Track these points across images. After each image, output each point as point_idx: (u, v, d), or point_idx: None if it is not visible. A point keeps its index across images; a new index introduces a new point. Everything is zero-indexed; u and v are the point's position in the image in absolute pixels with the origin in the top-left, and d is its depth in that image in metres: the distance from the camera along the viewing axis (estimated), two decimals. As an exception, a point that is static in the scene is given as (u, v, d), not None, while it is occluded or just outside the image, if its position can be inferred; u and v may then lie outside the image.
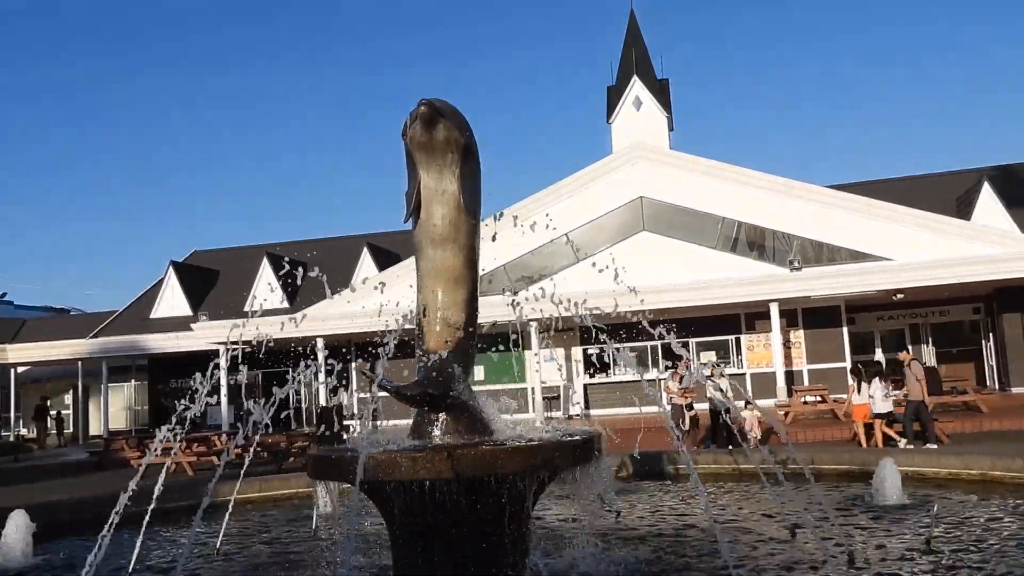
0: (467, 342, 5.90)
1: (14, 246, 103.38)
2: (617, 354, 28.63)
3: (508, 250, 27.01)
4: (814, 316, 28.44)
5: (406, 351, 5.92)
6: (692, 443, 17.12)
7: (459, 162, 5.76)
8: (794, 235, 28.00)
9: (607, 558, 6.38)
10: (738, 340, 29.27)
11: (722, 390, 16.66)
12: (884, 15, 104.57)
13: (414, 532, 5.37)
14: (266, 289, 36.63)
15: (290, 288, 36.27)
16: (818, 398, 23.58)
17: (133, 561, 7.05)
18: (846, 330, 28.48)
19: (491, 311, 7.65)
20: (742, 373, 28.14)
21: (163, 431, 6.73)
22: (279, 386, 6.09)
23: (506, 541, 5.39)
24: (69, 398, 40.58)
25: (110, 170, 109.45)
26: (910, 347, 30.70)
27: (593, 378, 29.55)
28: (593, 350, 29.37)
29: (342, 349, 29.93)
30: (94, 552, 6.14)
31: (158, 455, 8.06)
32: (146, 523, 6.91)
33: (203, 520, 7.00)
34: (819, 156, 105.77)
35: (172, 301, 38.08)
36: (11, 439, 34.08)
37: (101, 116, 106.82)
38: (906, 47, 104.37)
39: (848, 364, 25.09)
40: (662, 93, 32.23)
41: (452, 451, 5.09)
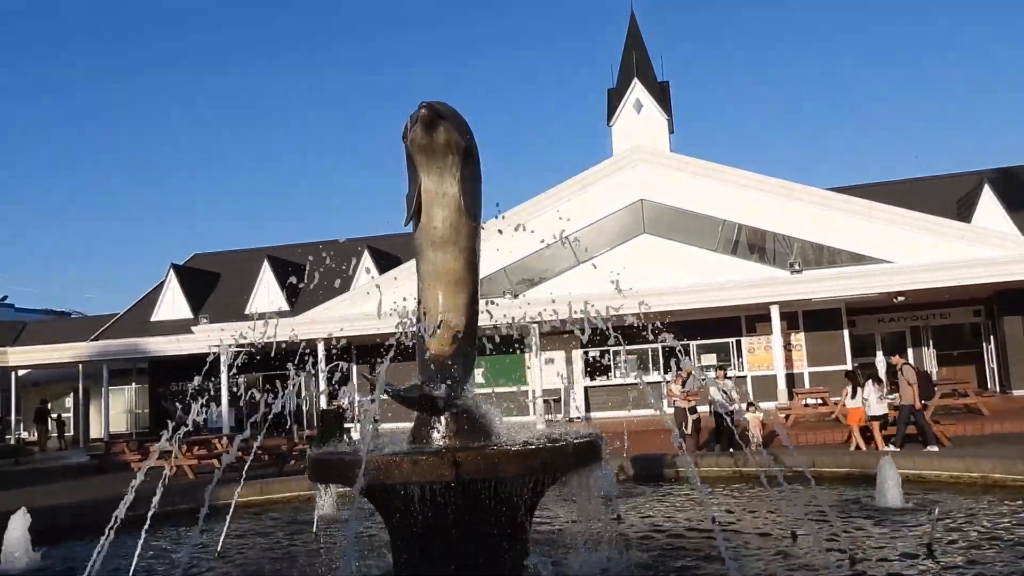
0: (467, 345, 5.90)
1: (15, 249, 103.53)
2: (618, 357, 28.70)
3: (509, 253, 27.01)
4: (815, 318, 28.44)
5: (407, 354, 5.92)
6: (695, 446, 17.08)
7: (460, 165, 5.76)
8: (795, 237, 28.02)
9: (608, 560, 6.37)
10: (739, 343, 29.26)
11: (725, 392, 16.65)
12: (884, 16, 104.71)
13: (414, 534, 5.37)
14: (266, 292, 36.66)
15: (291, 291, 36.28)
16: (819, 401, 23.57)
17: (134, 564, 7.05)
18: (847, 332, 28.48)
19: (495, 312, 7.65)
20: (743, 376, 28.13)
21: (165, 438, 6.71)
22: (280, 388, 6.09)
23: (506, 543, 5.39)
24: (70, 401, 40.57)
25: (110, 171, 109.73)
26: (911, 350, 30.75)
27: (593, 381, 29.55)
28: (594, 353, 29.39)
29: (343, 352, 29.92)
30: (95, 555, 6.13)
31: (158, 460, 8.05)
32: (147, 526, 6.90)
33: (204, 523, 6.99)
34: (819, 158, 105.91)
35: (173, 304, 38.09)
36: (12, 442, 34.06)
37: (101, 116, 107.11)
38: (906, 48, 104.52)
39: (849, 367, 25.08)
40: (662, 96, 32.26)
41: (453, 454, 5.09)
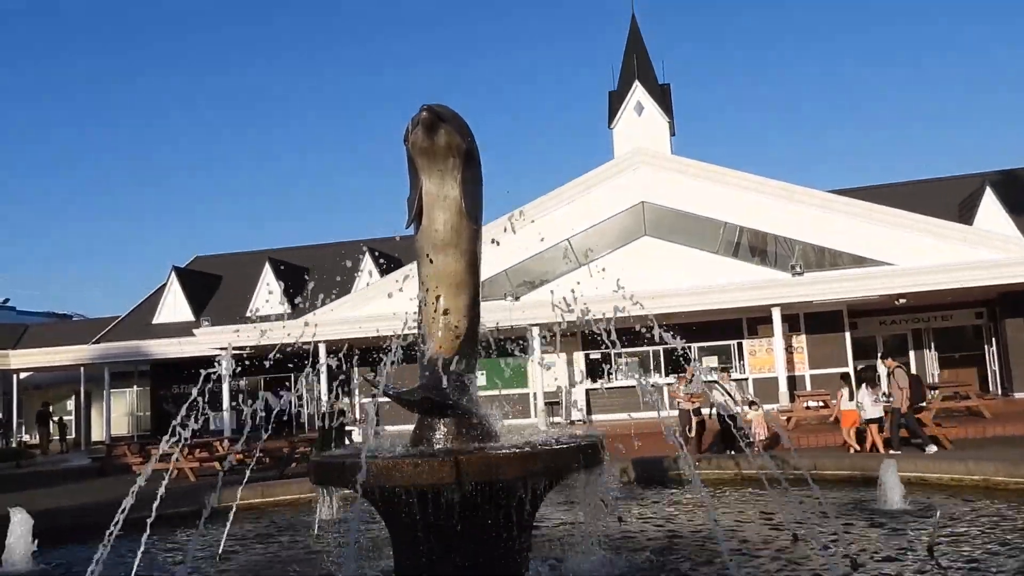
0: (469, 347, 5.90)
1: (16, 251, 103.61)
2: (619, 360, 28.69)
3: (509, 255, 27.03)
4: (816, 321, 28.43)
5: (409, 356, 5.93)
6: (699, 448, 17.04)
7: (461, 167, 5.76)
8: (796, 240, 28.01)
9: (609, 563, 6.37)
10: (740, 345, 29.27)
11: (729, 394, 16.63)
12: (884, 16, 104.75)
13: (416, 537, 5.37)
14: (268, 295, 36.67)
15: (292, 294, 36.29)
16: (820, 403, 23.55)
17: (135, 567, 7.04)
18: (848, 335, 28.47)
19: (493, 315, 7.65)
20: (744, 378, 28.13)
21: (166, 441, 6.71)
22: (280, 391, 6.09)
23: (507, 545, 5.39)
24: (71, 404, 40.62)
25: (111, 173, 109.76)
26: (912, 352, 30.74)
27: (595, 383, 29.54)
28: (595, 355, 29.40)
29: (344, 354, 29.89)
30: (96, 558, 6.13)
31: (160, 462, 8.05)
32: (148, 529, 6.90)
33: (205, 526, 7.00)
34: (820, 159, 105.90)
35: (174, 307, 38.13)
36: (13, 445, 34.09)
37: (101, 117, 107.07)
38: (906, 49, 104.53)
39: (851, 369, 25.06)
40: (663, 98, 32.29)
41: (454, 457, 5.09)
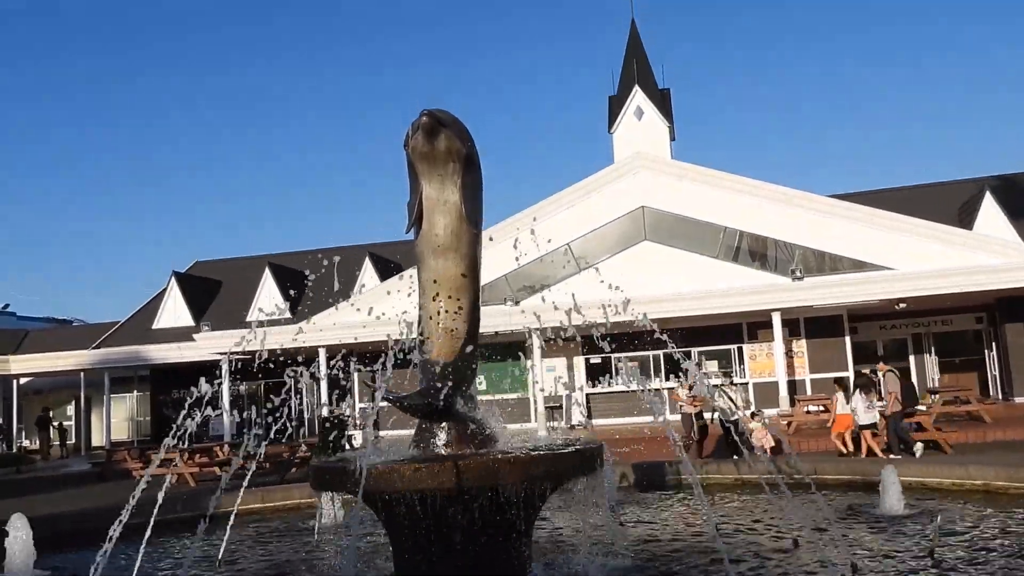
0: (469, 352, 5.90)
1: (16, 257, 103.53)
2: (620, 364, 28.66)
3: (509, 259, 27.01)
4: (816, 325, 28.41)
5: (409, 361, 5.92)
6: (700, 453, 17.00)
7: (461, 172, 5.77)
8: (796, 244, 28.00)
9: (609, 567, 6.37)
10: (740, 349, 29.24)
11: (731, 399, 16.63)
12: (883, 19, 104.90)
13: (416, 541, 5.36)
14: (268, 299, 36.65)
15: (292, 298, 36.26)
16: (821, 408, 23.53)
17: (135, 572, 7.04)
18: (848, 339, 28.45)
19: (493, 320, 7.65)
20: (744, 382, 28.11)
21: (165, 446, 6.71)
22: (280, 395, 6.09)
23: (508, 549, 5.38)
24: (71, 409, 40.57)
25: (111, 178, 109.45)
26: (913, 357, 30.72)
27: (595, 387, 29.52)
28: (595, 359, 29.38)
29: (344, 359, 29.89)
30: (96, 564, 6.13)
31: (160, 467, 8.04)
32: (148, 534, 6.90)
33: (205, 531, 6.99)
34: (820, 162, 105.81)
35: (174, 312, 38.10)
36: (13, 451, 34.05)
37: (100, 120, 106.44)
38: (906, 51, 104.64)
39: (851, 374, 25.06)
40: (663, 103, 32.30)
41: (454, 462, 5.09)
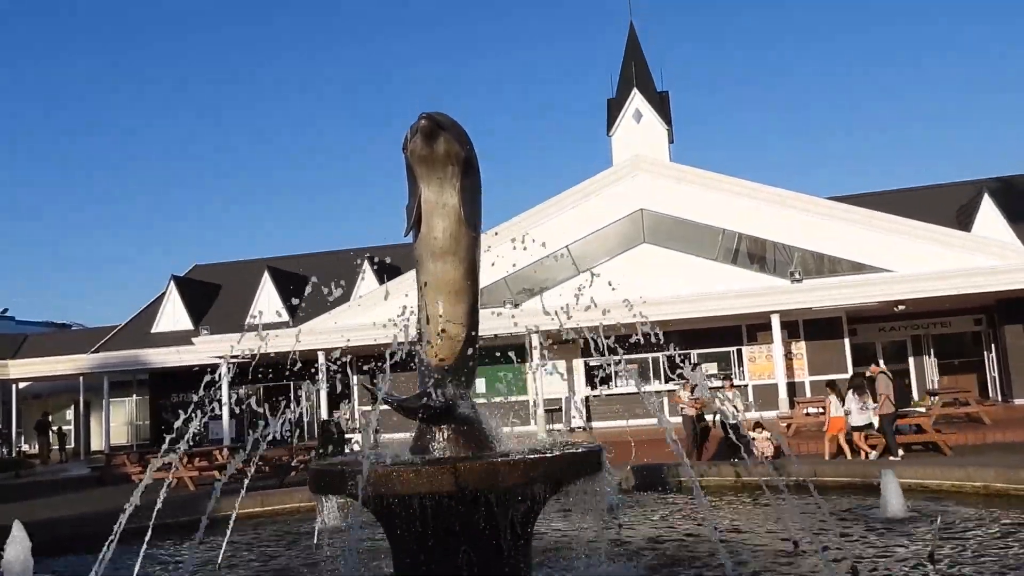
0: (468, 354, 5.90)
1: (15, 261, 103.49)
2: (620, 367, 28.65)
3: (509, 263, 27.00)
4: (815, 327, 28.43)
5: (408, 364, 5.92)
6: (699, 456, 16.98)
7: (460, 175, 5.78)
8: (795, 247, 28.03)
9: (609, 569, 6.36)
10: (739, 352, 29.26)
11: (731, 402, 16.63)
12: (882, 26, 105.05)
13: (416, 544, 5.36)
14: (267, 303, 36.66)
15: (291, 302, 36.27)
16: (820, 410, 23.51)
17: (134, 576, 7.04)
18: (848, 341, 28.48)
19: (492, 323, 7.65)
20: (744, 385, 28.12)
21: (165, 449, 6.70)
22: (280, 399, 6.09)
23: (508, 552, 5.38)
24: (70, 413, 40.55)
25: (109, 181, 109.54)
26: (912, 358, 30.75)
27: (595, 390, 29.51)
28: (594, 362, 29.34)
29: (343, 362, 29.87)
30: (95, 568, 6.12)
31: (159, 471, 8.02)
32: (147, 539, 6.89)
33: (205, 535, 6.98)
34: (819, 164, 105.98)
35: (173, 315, 38.10)
36: (12, 455, 34.03)
37: (99, 122, 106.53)
38: (904, 56, 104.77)
39: (850, 376, 25.06)
40: (662, 105, 32.33)
41: (454, 464, 5.08)
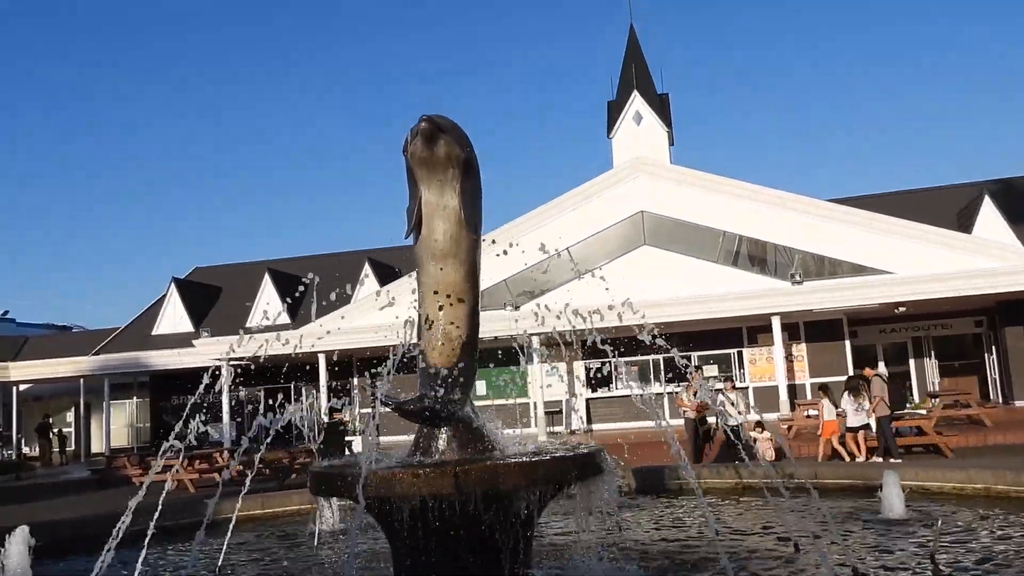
0: (468, 357, 5.90)
1: (16, 263, 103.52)
2: (621, 370, 28.65)
3: (509, 265, 27.03)
4: (816, 329, 28.43)
5: (408, 367, 5.92)
6: (700, 458, 16.94)
7: (460, 177, 5.78)
8: (795, 249, 28.03)
9: (610, 571, 6.35)
10: (740, 354, 29.25)
11: (733, 404, 16.63)
12: (882, 27, 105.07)
13: (416, 547, 5.36)
14: (268, 305, 36.66)
15: (292, 304, 36.28)
16: (817, 412, 23.49)
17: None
18: (848, 343, 28.48)
19: (492, 326, 7.65)
20: (744, 387, 28.11)
21: (164, 451, 6.70)
22: (279, 401, 6.08)
23: (508, 554, 5.38)
24: (71, 415, 40.55)
25: (110, 183, 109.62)
26: (912, 360, 30.74)
27: (595, 392, 29.51)
28: (595, 364, 29.35)
29: (344, 365, 29.90)
30: (96, 570, 6.12)
31: (160, 474, 8.02)
32: (147, 541, 6.88)
33: (205, 537, 6.98)
34: (819, 166, 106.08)
35: (174, 318, 38.10)
36: (13, 457, 34.02)
37: (100, 124, 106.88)
38: (904, 58, 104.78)
39: (846, 378, 25.05)
40: (662, 108, 32.35)
41: (454, 467, 5.08)
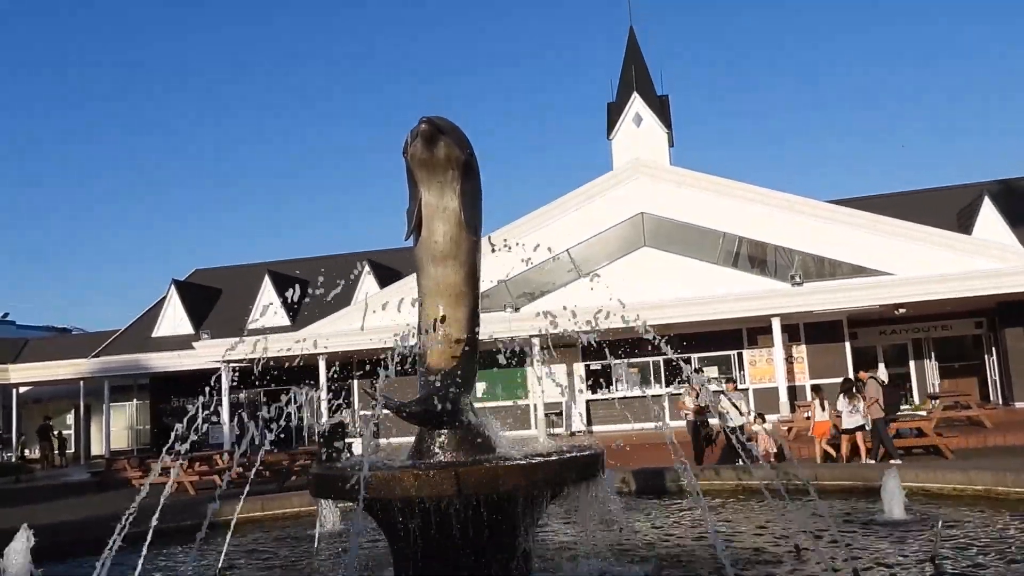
0: (468, 359, 5.90)
1: (16, 265, 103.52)
2: (621, 371, 28.66)
3: (509, 266, 27.03)
4: (816, 331, 28.42)
5: (408, 368, 5.92)
6: (700, 460, 16.93)
7: (460, 179, 5.78)
8: (795, 250, 28.03)
9: (610, 573, 6.35)
10: (740, 355, 29.24)
11: (735, 405, 16.62)
12: (882, 28, 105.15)
13: (416, 548, 5.35)
14: (268, 307, 36.65)
15: (292, 306, 36.27)
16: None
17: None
18: (848, 345, 28.46)
19: (493, 327, 7.64)
20: (745, 388, 28.10)
21: (165, 451, 6.70)
22: (275, 404, 6.08)
23: (508, 556, 5.37)
24: (71, 418, 40.55)
25: (110, 185, 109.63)
26: (913, 362, 30.74)
27: (595, 394, 29.50)
28: (595, 366, 29.37)
29: (344, 367, 29.88)
30: (96, 572, 6.12)
31: (160, 476, 8.02)
32: (147, 544, 6.88)
33: (205, 540, 6.98)
34: (819, 167, 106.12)
35: (174, 320, 38.11)
36: (13, 459, 34.01)
37: (100, 126, 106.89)
38: (905, 55, 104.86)
39: (841, 380, 25.05)
40: (662, 109, 32.37)
41: (454, 469, 5.08)
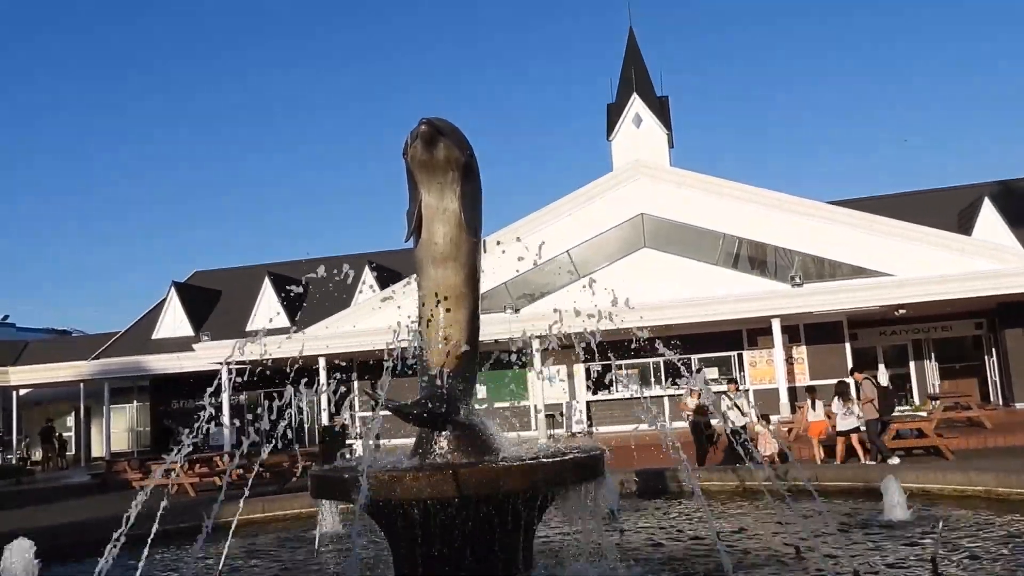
0: (469, 360, 5.90)
1: (16, 268, 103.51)
2: (620, 373, 28.64)
3: (509, 268, 27.05)
4: (816, 332, 28.42)
5: (409, 369, 5.92)
6: (701, 461, 16.92)
7: (460, 180, 5.78)
8: (795, 251, 28.04)
9: (610, 573, 6.35)
10: (740, 356, 29.24)
11: (738, 405, 16.63)
12: (883, 27, 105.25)
13: (416, 550, 5.35)
14: (268, 309, 36.68)
15: (292, 308, 36.28)
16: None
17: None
18: (848, 346, 28.46)
19: (493, 328, 7.65)
20: (745, 389, 28.09)
21: (166, 455, 6.70)
22: (280, 405, 6.08)
23: (509, 558, 5.37)
24: (71, 420, 40.54)
25: (110, 187, 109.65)
26: (913, 362, 30.74)
27: (595, 395, 29.50)
28: (596, 367, 29.35)
29: (344, 368, 29.88)
30: (96, 574, 6.11)
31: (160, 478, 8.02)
32: (148, 546, 6.88)
33: (206, 541, 6.97)
34: (819, 168, 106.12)
35: (174, 322, 38.10)
36: (13, 462, 34.00)
37: (99, 129, 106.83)
38: (906, 56, 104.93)
39: (851, 380, 25.04)
40: (662, 110, 32.37)
41: (454, 470, 5.08)
